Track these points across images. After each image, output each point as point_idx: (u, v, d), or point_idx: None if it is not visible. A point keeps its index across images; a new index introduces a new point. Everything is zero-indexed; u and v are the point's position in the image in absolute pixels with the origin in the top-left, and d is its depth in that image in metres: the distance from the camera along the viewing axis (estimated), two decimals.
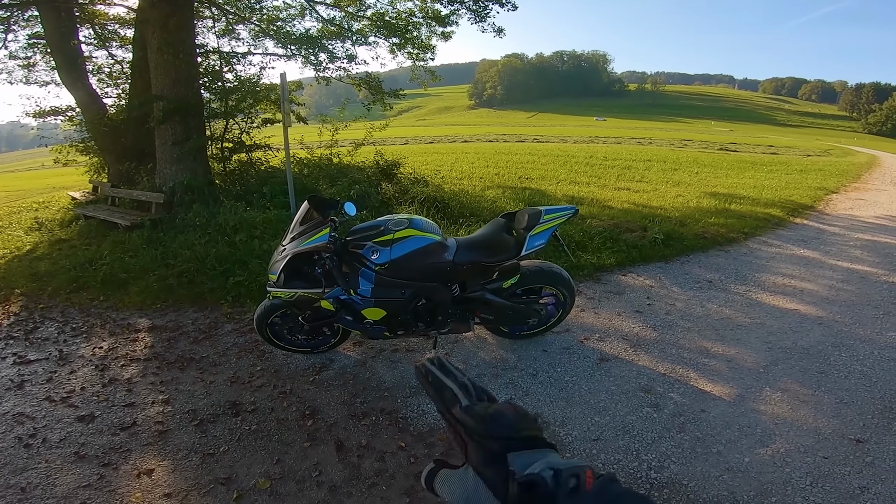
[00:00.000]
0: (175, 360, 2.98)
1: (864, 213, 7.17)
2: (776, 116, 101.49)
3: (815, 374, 2.60)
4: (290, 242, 2.43)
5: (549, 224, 2.53)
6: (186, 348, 3.13)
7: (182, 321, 3.55)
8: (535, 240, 2.51)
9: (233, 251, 4.52)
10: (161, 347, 3.15)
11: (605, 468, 1.98)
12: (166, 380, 2.75)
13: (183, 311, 3.75)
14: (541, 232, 2.52)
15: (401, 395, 2.47)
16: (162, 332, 3.36)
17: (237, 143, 6.27)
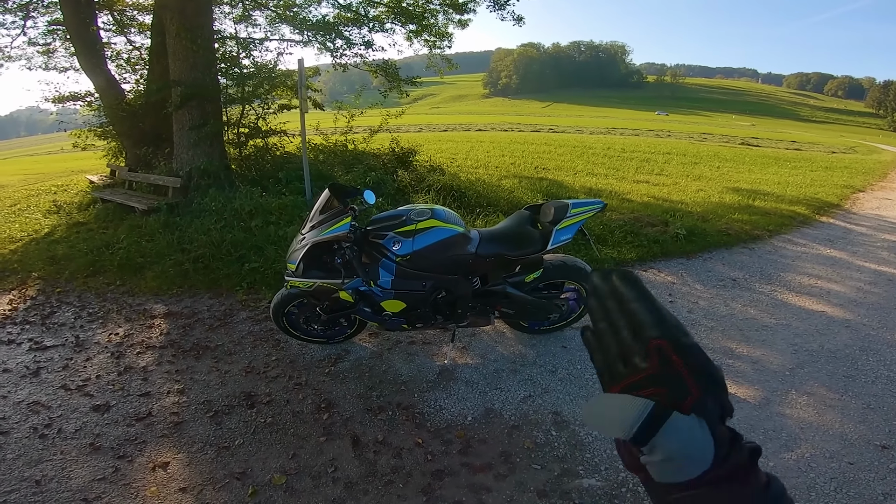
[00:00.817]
0: (190, 347, 2.98)
1: (891, 213, 6.89)
2: (800, 112, 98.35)
3: (842, 379, 2.51)
4: (309, 231, 2.38)
5: (577, 218, 2.45)
6: (202, 336, 3.13)
7: (198, 308, 3.56)
8: (562, 234, 2.43)
9: (248, 237, 4.51)
10: (177, 335, 3.15)
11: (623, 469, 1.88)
12: (182, 368, 2.75)
13: (198, 297, 3.75)
14: (567, 226, 2.44)
15: (417, 390, 2.43)
16: (178, 319, 3.37)
17: (253, 129, 6.24)
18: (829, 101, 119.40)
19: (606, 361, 0.40)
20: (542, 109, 71.45)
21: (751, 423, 2.15)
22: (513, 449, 2.02)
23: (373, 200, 2.58)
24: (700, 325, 3.11)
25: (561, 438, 2.09)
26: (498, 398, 2.36)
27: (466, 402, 2.34)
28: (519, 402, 2.33)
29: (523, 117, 40.74)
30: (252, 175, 5.93)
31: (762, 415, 2.22)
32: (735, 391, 2.40)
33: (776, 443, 2.04)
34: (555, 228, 2.41)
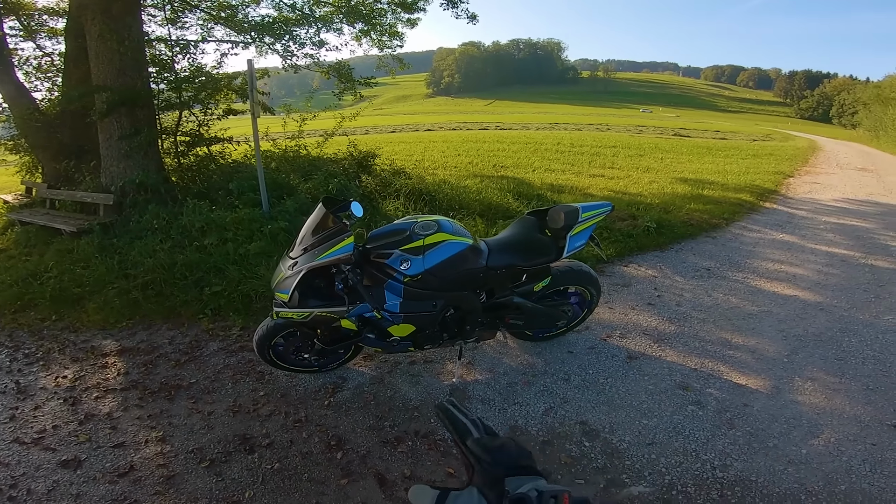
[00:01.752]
0: (159, 388, 2.65)
1: (823, 196, 7.71)
2: (717, 103, 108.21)
3: (835, 362, 2.70)
4: (301, 255, 2.13)
5: (588, 223, 2.43)
6: (169, 374, 2.79)
7: (157, 341, 3.17)
8: (576, 240, 2.40)
9: (204, 257, 4.12)
10: (138, 374, 2.78)
11: (667, 472, 1.93)
12: (154, 413, 2.43)
13: (155, 328, 3.35)
14: (580, 232, 2.41)
15: (432, 414, 2.30)
16: (135, 356, 2.99)
17: (195, 137, 5.72)
18: (742, 92, 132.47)
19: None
20: (485, 107, 72.88)
21: (771, 414, 2.25)
22: (550, 466, 1.96)
23: (360, 213, 2.41)
24: (692, 318, 3.23)
25: (595, 448, 2.06)
26: (519, 414, 2.29)
27: (488, 421, 2.22)
28: (542, 416, 2.27)
29: (468, 115, 41.22)
30: (197, 187, 5.43)
31: (778, 404, 2.33)
32: (746, 382, 2.50)
33: (801, 431, 2.15)
34: (569, 235, 2.38)
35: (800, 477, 1.89)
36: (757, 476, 1.89)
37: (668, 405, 2.32)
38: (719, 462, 1.96)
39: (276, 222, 4.55)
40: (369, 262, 2.19)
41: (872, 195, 7.81)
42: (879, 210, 6.62)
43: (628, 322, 3.18)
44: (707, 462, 1.96)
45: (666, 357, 2.75)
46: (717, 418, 2.22)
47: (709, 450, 2.03)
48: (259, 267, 3.90)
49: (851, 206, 6.87)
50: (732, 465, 1.95)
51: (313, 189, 5.29)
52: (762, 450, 2.02)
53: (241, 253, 4.16)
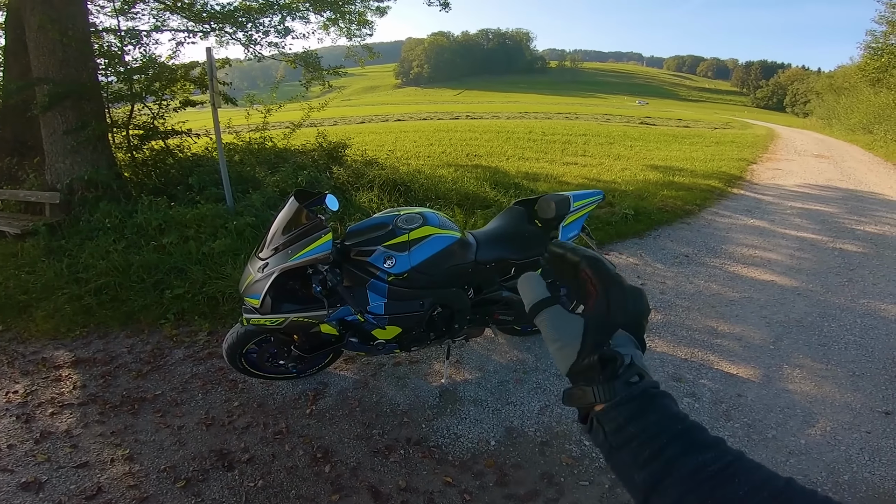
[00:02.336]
0: (120, 401, 2.42)
1: (786, 181, 8.05)
2: (679, 92, 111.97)
3: (819, 348, 2.77)
4: (272, 255, 1.94)
5: (581, 212, 2.36)
6: (131, 385, 2.56)
7: (115, 350, 2.91)
8: (569, 230, 2.32)
9: (163, 257, 3.83)
10: (97, 387, 2.54)
11: None
12: (118, 429, 2.22)
13: (111, 336, 3.08)
14: (573, 222, 2.34)
15: (423, 419, 2.19)
16: (92, 367, 2.73)
17: (150, 130, 5.33)
18: (702, 82, 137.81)
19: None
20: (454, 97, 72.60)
21: (765, 404, 2.27)
22: (552, 468, 1.90)
23: (336, 207, 2.25)
24: (676, 307, 3.26)
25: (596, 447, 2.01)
26: (514, 414, 2.22)
27: (482, 424, 2.16)
28: (537, 415, 2.21)
29: (438, 105, 40.87)
30: (153, 183, 5.07)
31: (770, 393, 2.36)
32: (736, 371, 2.53)
33: (797, 420, 2.17)
34: (561, 225, 2.30)
35: (802, 468, 1.91)
36: None
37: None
38: None
39: (242, 217, 4.29)
40: (349, 261, 2.02)
41: (832, 181, 8.22)
42: (840, 195, 6.96)
43: None
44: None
45: (656, 348, 2.74)
46: (714, 410, 2.23)
47: None
48: (225, 266, 3.66)
49: (814, 192, 7.20)
50: None
51: (281, 182, 5.03)
52: (762, 441, 2.04)
53: (205, 252, 3.90)
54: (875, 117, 17.49)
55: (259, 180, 5.15)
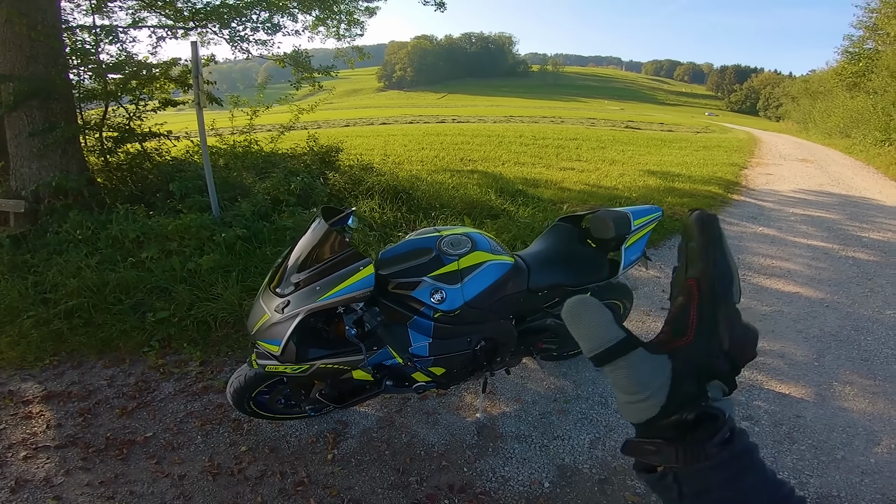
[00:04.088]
0: (105, 444, 2.15)
1: (781, 187, 8.20)
2: (657, 96, 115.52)
3: (862, 363, 2.71)
4: (294, 292, 1.66)
5: (642, 231, 2.21)
6: (115, 425, 2.28)
7: (92, 383, 2.62)
8: (631, 253, 2.17)
9: (143, 275, 3.53)
10: (74, 426, 2.26)
11: None
12: (108, 478, 1.95)
13: (87, 367, 2.79)
14: (635, 242, 2.19)
15: (463, 461, 2.00)
16: (67, 402, 2.45)
17: (125, 132, 4.98)
18: (679, 86, 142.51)
19: (673, 295, 0.45)
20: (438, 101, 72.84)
21: (826, 423, 2.19)
22: None
23: (356, 225, 2.05)
24: None
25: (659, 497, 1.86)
26: (564, 450, 2.05)
27: (531, 463, 1.98)
28: (589, 450, 2.04)
29: (423, 109, 40.83)
30: (129, 190, 4.73)
31: (828, 413, 2.27)
32: (788, 391, 2.43)
33: (861, 439, 2.11)
34: (623, 246, 2.15)
35: (878, 487, 1.85)
36: (838, 490, 1.83)
37: None
38: (795, 480, 1.88)
39: (232, 229, 4.01)
40: (385, 295, 1.75)
41: (823, 186, 8.43)
42: (836, 201, 7.11)
43: (648, 330, 3.05)
44: None
45: None
46: (776, 433, 2.12)
47: (779, 467, 1.94)
48: (215, 286, 3.38)
49: (810, 198, 7.34)
50: (809, 482, 1.87)
51: (272, 189, 4.75)
52: (832, 462, 1.96)
53: (191, 268, 3.61)
54: (852, 121, 18.19)
55: (247, 187, 4.87)
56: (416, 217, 4.82)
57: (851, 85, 20.22)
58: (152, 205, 4.48)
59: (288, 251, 1.81)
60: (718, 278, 0.42)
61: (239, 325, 3.08)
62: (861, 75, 19.23)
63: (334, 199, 5.08)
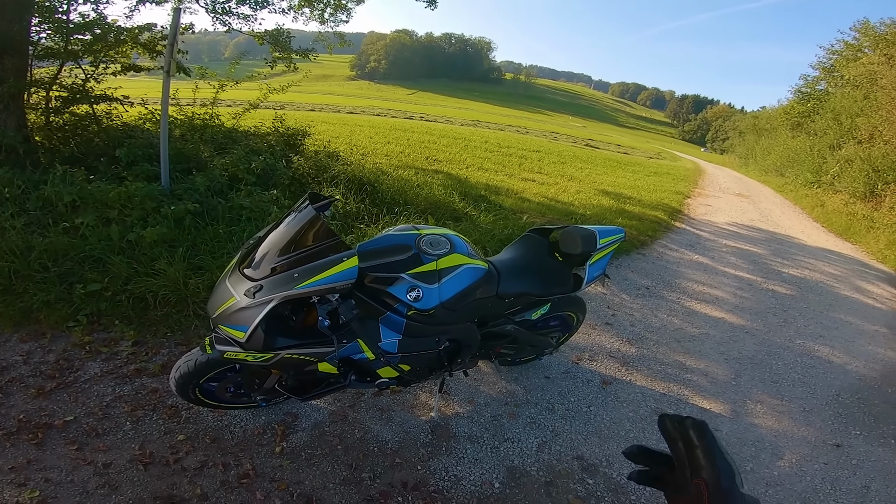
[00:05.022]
0: (18, 428, 1.98)
1: (717, 218, 8.94)
2: (618, 118, 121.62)
3: (772, 384, 3.05)
4: (268, 276, 1.61)
5: (606, 250, 2.35)
6: (30, 406, 2.11)
7: (5, 358, 2.41)
8: (595, 269, 2.30)
9: (76, 242, 3.28)
10: None
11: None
12: (18, 464, 1.81)
13: (1, 339, 2.54)
14: (599, 260, 2.32)
15: (417, 458, 2.04)
16: None
17: (78, 92, 4.58)
18: (640, 110, 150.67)
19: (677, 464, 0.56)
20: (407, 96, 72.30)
21: (739, 437, 2.45)
22: None
23: (330, 214, 2.04)
24: (647, 340, 3.42)
25: (599, 485, 2.03)
26: (513, 452, 2.15)
27: (482, 464, 2.06)
28: (536, 453, 2.16)
29: (392, 103, 40.34)
30: (71, 151, 4.35)
31: (740, 427, 2.55)
32: (709, 406, 2.69)
33: (768, 454, 2.37)
34: (588, 263, 2.27)
35: (780, 499, 2.09)
36: None
37: (651, 433, 2.38)
38: None
39: (182, 203, 3.80)
40: (361, 288, 1.72)
41: (754, 221, 9.28)
42: (763, 236, 7.87)
43: (593, 343, 3.24)
44: None
45: (635, 381, 2.84)
46: None
47: None
48: (159, 260, 3.19)
49: (741, 231, 8.07)
50: None
51: (231, 166, 4.55)
52: (743, 473, 2.15)
53: (131, 240, 3.39)
54: (789, 161, 19.59)
55: (204, 161, 4.62)
56: (380, 211, 4.81)
57: (795, 125, 21.65)
58: (94, 169, 4.15)
59: (264, 233, 1.76)
60: (723, 475, 0.52)
61: (181, 305, 2.94)
62: (807, 116, 20.61)
63: (297, 183, 4.93)
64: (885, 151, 12.99)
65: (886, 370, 3.48)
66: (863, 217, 10.94)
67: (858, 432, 2.66)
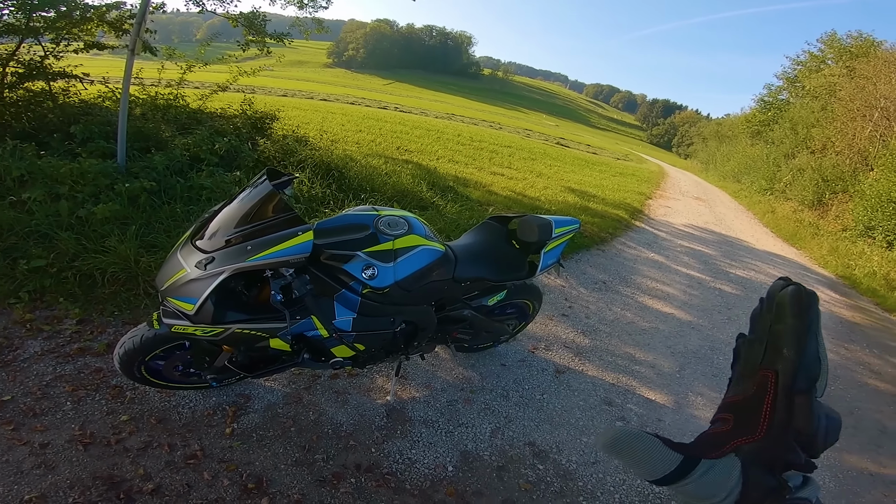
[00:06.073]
0: None
1: (675, 220, 9.31)
2: (591, 118, 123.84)
3: (713, 378, 3.23)
4: (221, 248, 1.58)
5: (561, 239, 2.40)
6: None
7: None
8: (549, 257, 2.36)
9: (21, 216, 3.12)
10: None
11: (615, 490, 2.08)
12: None
13: None
14: (553, 248, 2.37)
15: (371, 441, 2.05)
16: None
17: (35, 68, 4.31)
18: (612, 112, 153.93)
19: (736, 374, 0.44)
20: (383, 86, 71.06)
21: (680, 428, 2.57)
22: (511, 495, 1.92)
23: (290, 193, 2.02)
24: (601, 332, 3.54)
25: (549, 471, 2.09)
26: (467, 437, 2.19)
27: (437, 448, 2.09)
28: (490, 438, 2.21)
29: (367, 92, 39.61)
30: (22, 127, 4.12)
31: (682, 418, 2.67)
32: (654, 397, 2.82)
33: None
34: (543, 251, 2.32)
35: None
36: None
37: (600, 421, 2.48)
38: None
39: (138, 180, 3.65)
40: (316, 265, 1.74)
41: (708, 224, 9.73)
42: (715, 238, 8.27)
43: (549, 333, 3.34)
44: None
45: (587, 371, 2.95)
46: None
47: None
48: (109, 238, 3.05)
49: (696, 233, 8.44)
50: None
51: (193, 146, 4.38)
52: None
53: (81, 216, 3.24)
54: (746, 167, 20.66)
55: (164, 141, 4.43)
56: (346, 196, 4.75)
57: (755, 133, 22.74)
58: (46, 145, 3.95)
59: (219, 207, 1.73)
60: (803, 372, 0.39)
61: (131, 283, 2.85)
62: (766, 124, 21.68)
63: (262, 166, 4.78)
64: (836, 162, 13.89)
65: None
66: (809, 224, 11.68)
67: None
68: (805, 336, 0.40)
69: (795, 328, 0.40)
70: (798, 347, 0.40)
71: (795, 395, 0.39)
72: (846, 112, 14.53)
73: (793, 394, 0.39)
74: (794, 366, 0.39)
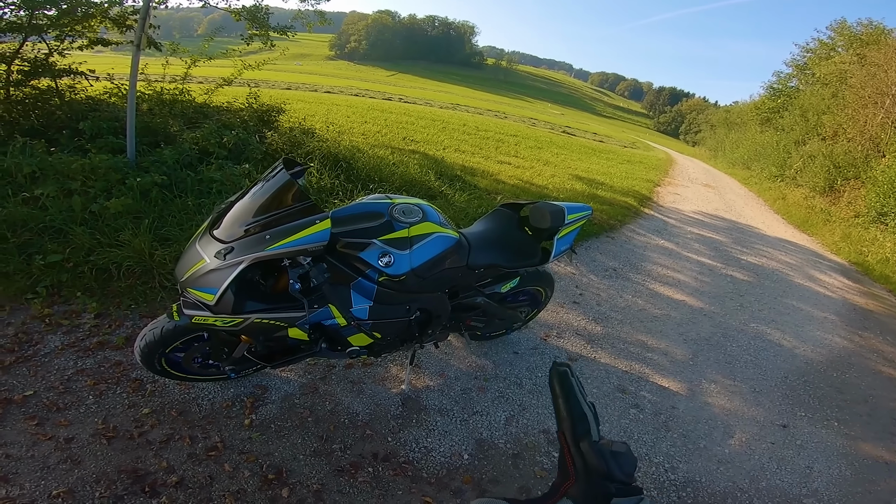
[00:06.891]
0: None
1: (684, 207, 9.19)
2: (596, 107, 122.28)
3: (726, 365, 3.20)
4: (239, 238, 1.58)
5: (574, 226, 2.37)
6: None
7: None
8: (562, 244, 2.32)
9: (36, 212, 3.13)
10: None
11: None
12: None
13: None
14: (566, 235, 2.34)
15: (388, 430, 2.06)
16: None
17: (40, 66, 4.31)
18: (618, 100, 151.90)
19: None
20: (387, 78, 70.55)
21: (694, 415, 2.56)
22: (527, 482, 1.93)
23: (303, 183, 2.00)
24: (612, 319, 3.52)
25: None
26: (482, 425, 2.20)
27: (452, 436, 2.10)
28: (505, 426, 2.22)
29: (370, 84, 39.30)
30: (31, 124, 4.13)
31: (695, 406, 2.66)
32: (667, 385, 2.80)
33: (719, 432, 2.48)
34: (556, 237, 2.29)
35: (730, 475, 2.19)
36: (700, 476, 2.15)
37: (614, 409, 2.47)
38: (668, 465, 2.17)
39: (149, 175, 3.65)
40: (333, 253, 1.74)
41: (718, 210, 9.60)
42: (726, 225, 8.16)
43: (561, 321, 3.32)
44: (657, 465, 2.15)
45: (600, 359, 2.93)
46: (655, 421, 2.44)
47: (656, 453, 2.24)
48: (123, 231, 3.06)
49: (706, 220, 8.33)
50: (679, 468, 2.17)
51: (202, 140, 4.37)
52: (696, 451, 2.29)
53: (94, 211, 3.24)
54: (755, 154, 20.28)
55: (173, 135, 4.42)
56: (355, 187, 4.73)
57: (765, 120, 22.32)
58: (55, 141, 3.96)
59: (235, 197, 1.72)
60: (578, 423, 0.52)
61: (147, 277, 2.86)
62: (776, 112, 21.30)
63: (270, 158, 4.78)
64: (847, 148, 13.60)
65: (832, 355, 3.70)
66: (821, 211, 11.47)
67: (804, 414, 2.82)
68: (568, 400, 0.54)
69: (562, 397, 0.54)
70: (567, 409, 0.53)
71: (580, 443, 0.51)
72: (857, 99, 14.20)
73: (577, 443, 0.52)
74: (570, 423, 0.53)
